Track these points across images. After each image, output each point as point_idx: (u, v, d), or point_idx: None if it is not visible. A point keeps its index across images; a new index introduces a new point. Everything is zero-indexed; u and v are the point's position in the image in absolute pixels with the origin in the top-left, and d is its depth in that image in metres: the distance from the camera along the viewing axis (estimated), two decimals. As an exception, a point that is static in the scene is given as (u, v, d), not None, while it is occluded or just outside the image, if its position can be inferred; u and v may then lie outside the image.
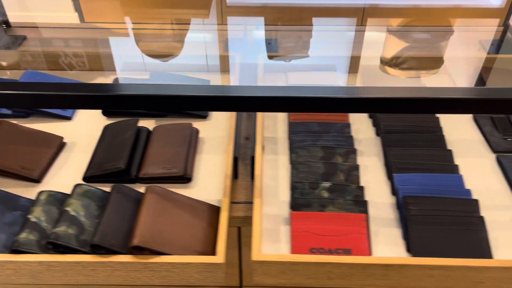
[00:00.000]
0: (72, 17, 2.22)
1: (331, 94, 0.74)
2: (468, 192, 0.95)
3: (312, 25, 2.14)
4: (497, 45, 1.64)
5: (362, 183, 1.01)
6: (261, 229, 0.91)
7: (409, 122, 1.13)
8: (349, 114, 1.19)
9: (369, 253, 0.85)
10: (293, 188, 0.97)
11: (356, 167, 1.01)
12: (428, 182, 0.97)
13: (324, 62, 1.50)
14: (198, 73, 1.35)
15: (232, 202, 1.00)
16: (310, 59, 1.51)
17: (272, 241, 0.90)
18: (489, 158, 1.08)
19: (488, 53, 1.53)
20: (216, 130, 1.16)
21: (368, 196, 0.99)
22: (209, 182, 1.01)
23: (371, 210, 0.96)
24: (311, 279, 0.83)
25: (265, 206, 0.97)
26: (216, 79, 1.37)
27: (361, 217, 0.89)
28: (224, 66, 1.47)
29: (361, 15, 2.31)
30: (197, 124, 1.17)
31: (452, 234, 0.87)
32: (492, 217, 0.94)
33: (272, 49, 1.57)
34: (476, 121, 1.18)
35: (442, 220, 0.88)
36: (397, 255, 0.87)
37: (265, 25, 1.96)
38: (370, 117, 1.20)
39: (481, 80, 1.36)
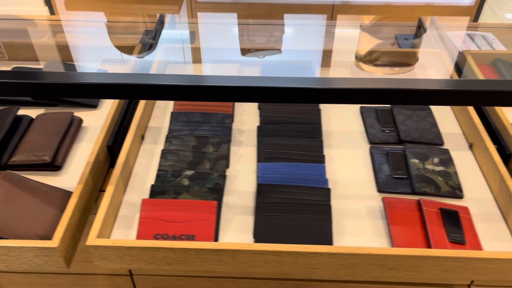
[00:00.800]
0: (43, 11, 2.24)
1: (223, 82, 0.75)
2: (325, 181, 0.97)
3: (283, 20, 2.15)
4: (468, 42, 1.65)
5: (232, 172, 1.03)
6: (115, 215, 0.93)
7: (288, 114, 1.14)
8: (234, 105, 1.21)
9: (213, 239, 0.87)
10: (157, 176, 0.98)
11: (224, 157, 1.03)
12: (289, 171, 0.99)
13: (295, 58, 1.51)
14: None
15: (100, 190, 1.01)
16: (283, 55, 1.52)
17: (124, 227, 0.91)
18: (364, 149, 1.10)
19: (459, 50, 1.55)
20: (102, 120, 1.17)
21: (234, 184, 1.01)
22: (79, 170, 1.02)
23: (233, 198, 0.97)
24: (151, 264, 0.84)
25: (129, 193, 0.99)
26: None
27: (212, 204, 0.91)
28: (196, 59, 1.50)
29: (331, 12, 2.33)
30: (86, 113, 1.18)
31: (296, 221, 0.88)
32: (348, 205, 0.96)
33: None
34: (361, 113, 1.20)
35: (289, 208, 0.90)
36: (244, 242, 0.88)
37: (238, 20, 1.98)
38: (258, 108, 1.21)
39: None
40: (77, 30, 1.72)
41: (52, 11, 2.23)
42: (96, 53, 1.48)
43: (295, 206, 0.90)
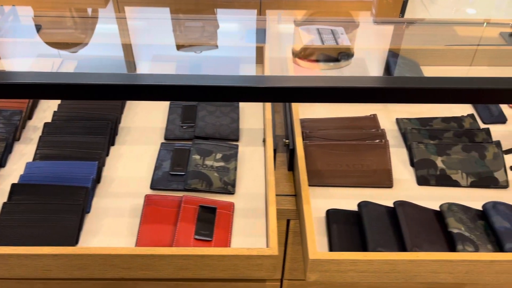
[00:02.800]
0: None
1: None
2: (88, 180, 0.94)
3: (215, 15, 2.10)
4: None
5: (6, 172, 0.99)
6: None
7: (84, 110, 1.11)
8: (39, 101, 1.17)
9: None
10: None
11: (-5, 155, 0.99)
12: (55, 170, 0.95)
13: (234, 53, 1.47)
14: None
15: None
16: (219, 50, 1.47)
17: None
18: (157, 146, 1.08)
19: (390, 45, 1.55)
20: None
21: (3, 184, 0.96)
22: None
23: (-4, 198, 0.94)
24: None
25: None
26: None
27: (-45, 206, 0.87)
28: (128, 55, 1.43)
29: (259, 7, 2.30)
30: None
31: (42, 222, 0.85)
32: (114, 204, 0.93)
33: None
34: (169, 109, 1.18)
35: (39, 209, 0.87)
36: None
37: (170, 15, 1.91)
38: (62, 104, 1.18)
39: (387, 71, 1.36)
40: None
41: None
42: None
43: (45, 206, 0.87)
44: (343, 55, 1.40)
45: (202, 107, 1.15)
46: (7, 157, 1.02)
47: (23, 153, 1.04)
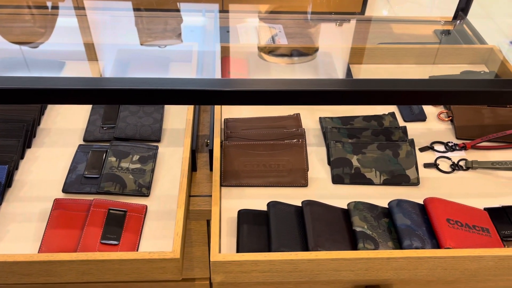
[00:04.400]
0: None
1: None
2: (-8, 184, 0.92)
3: (179, 10, 2.05)
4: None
5: None
6: None
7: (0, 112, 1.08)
8: None
9: None
10: None
11: None
12: (-39, 175, 0.93)
13: (196, 48, 1.41)
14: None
15: None
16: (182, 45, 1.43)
17: None
18: (75, 148, 1.06)
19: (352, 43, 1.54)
20: None
21: None
22: None
23: None
24: None
25: None
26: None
27: None
28: (90, 53, 1.38)
29: (221, 1, 2.27)
30: None
31: None
32: (23, 209, 0.92)
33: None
34: (91, 110, 1.16)
35: None
36: None
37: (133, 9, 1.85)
38: None
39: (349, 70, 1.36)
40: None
41: None
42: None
43: None
44: (295, 52, 1.41)
45: (124, 107, 1.14)
46: None
47: None
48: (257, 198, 0.96)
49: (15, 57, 1.29)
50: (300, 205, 0.91)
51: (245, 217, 0.89)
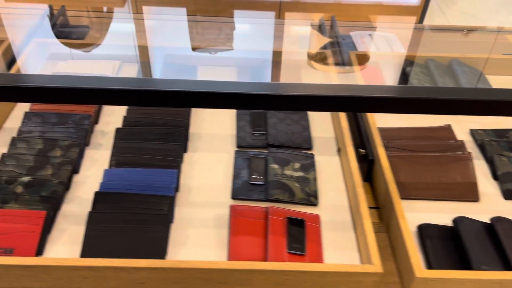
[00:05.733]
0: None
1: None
2: (171, 189, 0.91)
3: (232, 17, 2.08)
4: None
5: (80, 178, 0.96)
6: None
7: (153, 115, 1.08)
8: (101, 106, 1.14)
9: (34, 252, 0.80)
10: (-11, 182, 0.90)
11: (70, 161, 0.95)
12: (136, 178, 0.92)
13: (248, 55, 1.44)
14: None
15: None
16: (234, 52, 1.45)
17: None
18: (230, 153, 1.05)
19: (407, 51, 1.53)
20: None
21: (78, 191, 0.94)
22: None
23: (73, 206, 0.90)
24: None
25: (-42, 202, 0.91)
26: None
27: (39, 214, 0.83)
28: (143, 56, 1.40)
29: (278, 9, 2.28)
30: None
31: (129, 232, 0.82)
32: (196, 214, 0.91)
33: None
34: (237, 116, 1.15)
35: (125, 218, 0.84)
36: (72, 254, 0.82)
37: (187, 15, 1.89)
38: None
39: (403, 77, 1.34)
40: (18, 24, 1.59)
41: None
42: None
43: (131, 216, 0.84)
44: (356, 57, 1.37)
45: (272, 114, 1.13)
46: (80, 163, 0.99)
47: (95, 158, 1.01)
48: (427, 212, 0.93)
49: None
50: (479, 220, 0.87)
51: (428, 231, 0.86)
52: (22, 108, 1.13)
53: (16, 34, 1.39)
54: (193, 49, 1.46)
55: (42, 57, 1.30)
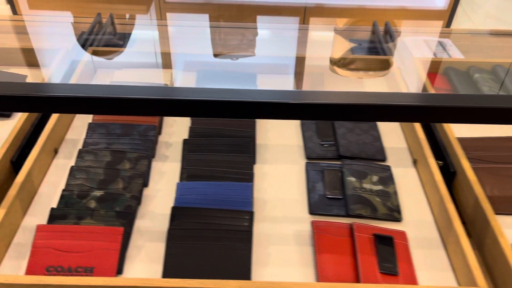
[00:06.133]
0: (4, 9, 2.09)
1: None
2: (249, 203, 0.87)
3: (256, 23, 2.05)
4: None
5: (150, 192, 0.93)
6: (8, 242, 0.81)
7: (219, 126, 1.04)
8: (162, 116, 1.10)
9: (115, 271, 0.76)
10: (60, 197, 0.87)
11: (141, 174, 0.92)
12: (211, 191, 0.89)
13: (270, 61, 1.40)
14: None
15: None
16: (256, 58, 1.42)
17: (17, 257, 0.80)
18: (300, 165, 1.01)
19: (434, 55, 1.49)
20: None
21: (150, 206, 0.90)
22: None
23: (146, 222, 0.87)
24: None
25: (29, 217, 0.87)
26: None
27: (117, 230, 0.80)
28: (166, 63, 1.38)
29: (303, 15, 2.25)
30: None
31: (212, 250, 0.78)
32: (275, 230, 0.86)
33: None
34: (302, 126, 1.11)
35: (205, 235, 0.80)
36: (152, 273, 0.78)
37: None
38: (191, 119, 1.11)
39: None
40: (42, 31, 1.58)
41: (14, 10, 2.08)
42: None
43: (212, 233, 0.80)
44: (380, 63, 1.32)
45: (339, 124, 1.08)
46: (149, 176, 0.96)
47: (162, 171, 0.98)
48: (517, 228, 0.88)
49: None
50: None
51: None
52: (81, 118, 1.11)
53: (66, 43, 1.38)
54: (215, 55, 1.43)
55: (96, 66, 1.28)
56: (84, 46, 1.31)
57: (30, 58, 1.32)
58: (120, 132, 1.01)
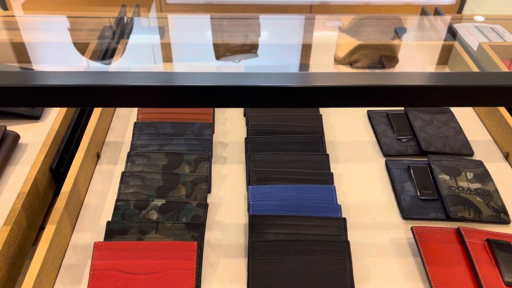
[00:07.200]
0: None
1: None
2: (337, 208, 0.75)
3: (258, 21, 1.96)
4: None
5: (214, 199, 0.80)
6: (58, 264, 0.68)
7: (282, 121, 0.92)
8: (214, 112, 0.98)
9: (192, 295, 0.64)
10: (115, 208, 0.74)
11: (204, 179, 0.79)
12: (288, 196, 0.76)
13: (273, 63, 1.30)
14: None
15: (41, 228, 0.77)
16: (259, 60, 1.31)
17: (70, 282, 0.67)
18: (379, 163, 0.89)
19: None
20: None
21: (217, 215, 0.77)
22: (11, 203, 0.77)
23: (217, 234, 0.74)
24: (105, 337, 0.61)
25: (78, 233, 0.74)
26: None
27: (191, 246, 0.67)
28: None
29: (309, 12, 2.15)
30: (25, 126, 0.93)
31: (304, 265, 0.66)
32: (367, 239, 0.74)
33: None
34: (370, 118, 0.99)
35: (294, 248, 0.67)
36: (235, 296, 0.66)
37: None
38: (244, 115, 0.99)
39: None
40: (35, 28, 1.47)
41: (4, 6, 1.97)
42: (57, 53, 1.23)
43: (301, 245, 0.68)
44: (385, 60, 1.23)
45: (414, 115, 0.96)
46: (211, 180, 0.83)
47: (223, 174, 0.85)
48: None
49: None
50: None
51: None
52: (121, 118, 0.98)
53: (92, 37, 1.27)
54: (217, 58, 1.32)
55: (132, 60, 1.15)
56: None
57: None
58: (172, 131, 0.89)
